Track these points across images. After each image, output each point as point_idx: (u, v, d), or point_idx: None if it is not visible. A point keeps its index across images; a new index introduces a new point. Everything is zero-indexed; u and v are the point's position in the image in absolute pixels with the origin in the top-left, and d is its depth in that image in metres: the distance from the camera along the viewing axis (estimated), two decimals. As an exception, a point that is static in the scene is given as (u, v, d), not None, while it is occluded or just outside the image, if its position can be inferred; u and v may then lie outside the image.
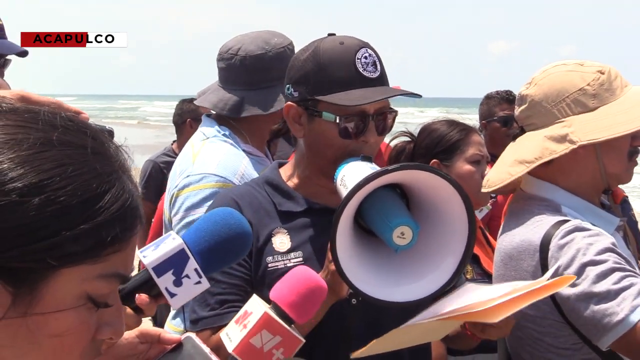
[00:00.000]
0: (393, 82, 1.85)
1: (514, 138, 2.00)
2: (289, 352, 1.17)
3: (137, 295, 1.17)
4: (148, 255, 1.16)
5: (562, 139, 1.83)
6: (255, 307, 1.20)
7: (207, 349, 1.16)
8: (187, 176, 2.36)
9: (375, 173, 1.46)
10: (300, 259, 1.74)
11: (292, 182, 1.87)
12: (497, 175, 1.95)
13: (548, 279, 1.54)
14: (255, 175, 2.28)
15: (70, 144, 0.81)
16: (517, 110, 1.97)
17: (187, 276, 1.16)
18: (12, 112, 0.83)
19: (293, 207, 1.81)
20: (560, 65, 1.92)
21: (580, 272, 1.67)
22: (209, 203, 2.05)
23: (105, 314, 0.85)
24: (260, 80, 2.45)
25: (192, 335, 1.19)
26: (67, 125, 0.84)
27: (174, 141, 5.28)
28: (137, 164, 0.94)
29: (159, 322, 4.31)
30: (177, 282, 1.16)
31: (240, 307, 1.59)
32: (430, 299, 1.56)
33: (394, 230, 1.46)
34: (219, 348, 1.21)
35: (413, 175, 1.52)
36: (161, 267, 1.15)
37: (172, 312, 2.52)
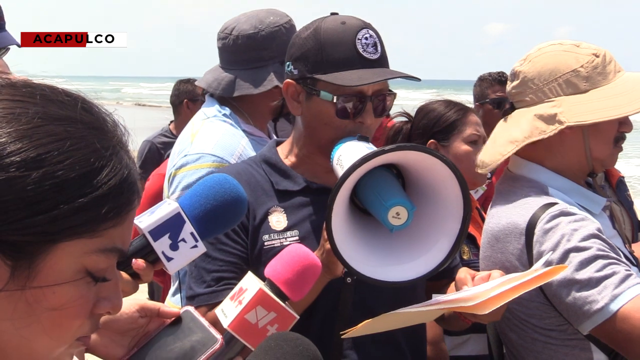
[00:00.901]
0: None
1: (504, 114, 2.00)
2: (283, 328, 1.18)
3: (133, 260, 1.17)
4: (144, 220, 1.16)
5: (551, 118, 1.83)
6: (250, 284, 1.21)
7: (205, 322, 1.17)
8: (185, 155, 2.36)
9: (371, 153, 1.46)
10: (297, 237, 1.75)
11: (289, 161, 1.87)
12: (490, 157, 1.95)
13: (539, 269, 1.55)
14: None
15: (68, 119, 0.82)
16: (509, 86, 1.97)
17: (183, 240, 1.17)
18: (10, 87, 0.83)
19: (290, 186, 1.82)
20: (557, 45, 1.91)
21: (563, 258, 1.68)
22: None
23: (103, 289, 0.86)
24: (252, 59, 2.46)
25: (191, 308, 1.21)
26: (65, 101, 0.84)
27: (171, 121, 5.27)
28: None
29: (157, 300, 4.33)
30: (174, 246, 1.16)
31: (236, 284, 1.60)
32: (425, 279, 1.57)
33: (390, 210, 1.46)
34: (214, 324, 1.22)
35: (409, 156, 1.52)
36: (157, 231, 1.16)
37: (172, 290, 2.54)
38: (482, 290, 1.50)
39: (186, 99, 4.96)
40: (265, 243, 1.75)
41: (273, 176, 1.83)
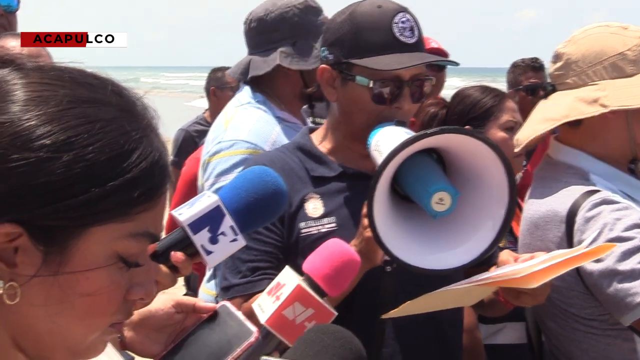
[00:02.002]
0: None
1: (546, 95, 1.96)
2: None
3: (172, 253, 1.16)
4: (184, 212, 1.15)
5: (593, 101, 1.78)
6: (288, 279, 1.18)
7: (242, 316, 1.15)
8: (219, 142, 2.36)
9: (414, 137, 1.42)
10: (334, 224, 1.72)
11: (324, 147, 1.84)
12: (525, 134, 1.92)
13: (587, 247, 1.52)
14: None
15: (96, 101, 0.80)
16: (552, 68, 1.92)
17: (223, 233, 1.15)
18: (38, 70, 0.82)
19: (326, 172, 1.79)
20: (603, 27, 1.87)
21: None
22: (240, 169, 2.04)
23: (136, 274, 0.84)
24: (262, 42, 2.47)
25: (227, 303, 1.19)
26: (94, 83, 0.83)
27: (206, 109, 5.31)
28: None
29: (192, 288, 4.37)
30: (213, 240, 1.14)
31: (272, 274, 1.58)
32: (471, 266, 1.53)
33: (433, 196, 1.43)
34: (250, 316, 1.21)
35: (451, 140, 1.48)
36: (197, 224, 1.14)
37: (207, 276, 2.55)
38: (527, 266, 1.47)
39: (213, 87, 5.00)
40: (302, 231, 1.72)
41: (308, 163, 1.81)
